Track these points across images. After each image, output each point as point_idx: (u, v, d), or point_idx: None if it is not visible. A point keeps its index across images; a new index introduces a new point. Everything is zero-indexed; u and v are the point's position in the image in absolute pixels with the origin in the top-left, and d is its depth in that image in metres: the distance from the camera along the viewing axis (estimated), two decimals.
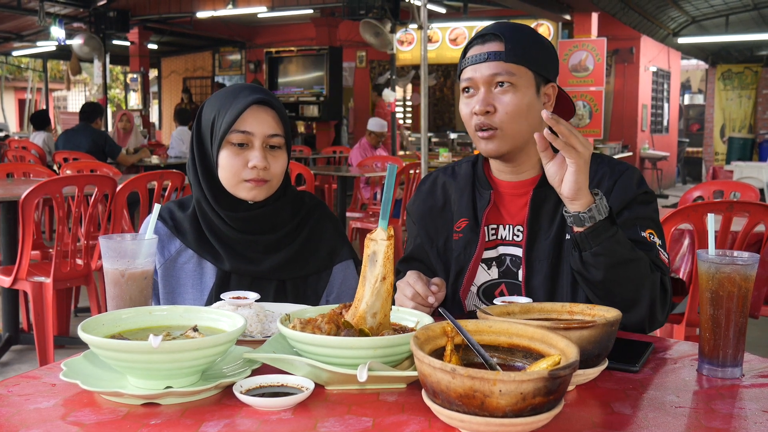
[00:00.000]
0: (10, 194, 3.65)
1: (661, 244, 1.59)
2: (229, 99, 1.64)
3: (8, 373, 3.68)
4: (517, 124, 1.60)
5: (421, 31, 5.80)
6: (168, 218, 1.72)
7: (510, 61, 1.59)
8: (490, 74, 1.59)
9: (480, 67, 1.61)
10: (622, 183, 1.62)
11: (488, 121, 1.60)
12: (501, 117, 1.59)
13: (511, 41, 1.60)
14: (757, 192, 4.05)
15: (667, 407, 1.04)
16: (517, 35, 1.62)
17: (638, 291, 1.48)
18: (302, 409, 1.01)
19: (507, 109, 1.59)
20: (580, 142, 1.38)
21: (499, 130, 1.60)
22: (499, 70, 1.59)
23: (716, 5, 11.76)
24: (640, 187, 1.63)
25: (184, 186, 4.09)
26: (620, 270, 1.45)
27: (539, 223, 1.63)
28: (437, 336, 1.05)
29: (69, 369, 1.08)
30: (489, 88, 1.60)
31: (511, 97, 1.59)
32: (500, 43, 1.60)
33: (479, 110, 1.60)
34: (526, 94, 1.60)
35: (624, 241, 1.45)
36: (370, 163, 7.15)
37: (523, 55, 1.60)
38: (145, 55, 15.14)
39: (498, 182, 1.72)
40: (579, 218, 1.42)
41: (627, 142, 13.24)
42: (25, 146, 8.19)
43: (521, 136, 1.62)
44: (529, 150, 1.65)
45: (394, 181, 1.21)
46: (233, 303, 1.37)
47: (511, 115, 1.59)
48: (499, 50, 1.59)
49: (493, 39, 1.61)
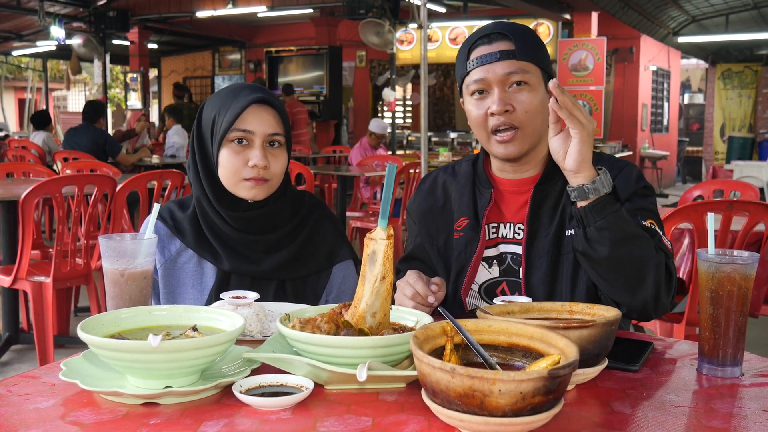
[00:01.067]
0: (10, 194, 3.65)
1: (662, 234, 1.59)
2: (230, 98, 1.64)
3: (8, 372, 3.68)
4: (535, 122, 1.59)
5: (421, 31, 5.81)
6: (168, 218, 1.72)
7: (522, 59, 1.57)
8: (505, 73, 1.57)
9: (493, 67, 1.58)
10: (622, 177, 1.62)
11: (509, 120, 1.58)
12: (520, 116, 1.57)
13: (520, 40, 1.59)
14: (757, 191, 4.05)
15: (667, 407, 1.04)
16: (523, 33, 1.61)
17: (643, 270, 1.45)
18: (302, 408, 1.01)
19: (526, 108, 1.57)
20: (582, 115, 1.39)
21: (519, 129, 1.58)
22: (514, 68, 1.57)
23: (716, 4, 11.75)
24: (639, 182, 1.63)
25: (183, 185, 4.09)
26: (625, 246, 1.43)
27: (539, 221, 1.63)
28: (437, 335, 1.05)
29: (68, 369, 1.08)
30: (503, 87, 1.58)
31: (527, 95, 1.58)
32: (509, 42, 1.58)
33: (498, 110, 1.57)
34: (539, 91, 1.59)
35: (628, 219, 1.45)
36: (370, 163, 7.15)
37: (533, 52, 1.59)
38: (144, 54, 15.14)
39: (499, 180, 1.72)
40: (583, 190, 1.42)
41: (627, 141, 13.24)
42: (25, 146, 8.19)
43: (537, 134, 1.61)
44: (537, 148, 1.65)
45: (393, 180, 1.21)
46: (233, 302, 1.37)
47: (530, 114, 1.58)
48: (510, 49, 1.57)
49: (501, 38, 1.59)
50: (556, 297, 1.59)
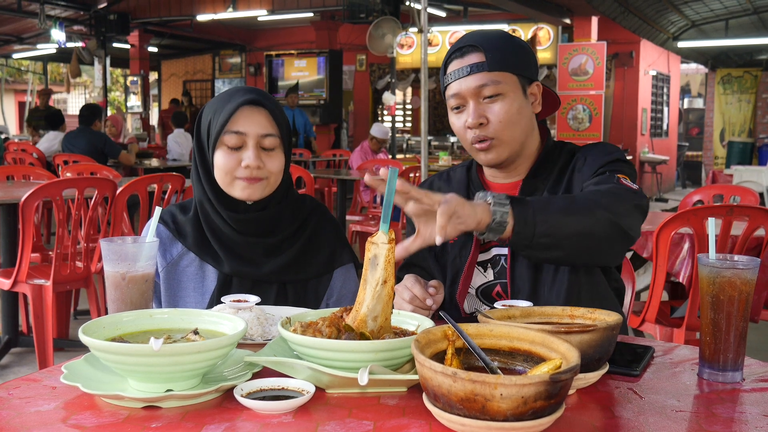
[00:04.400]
0: (10, 197, 3.65)
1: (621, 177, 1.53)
2: (224, 101, 1.67)
3: (8, 375, 3.67)
4: (511, 131, 1.62)
5: (422, 35, 5.81)
6: (170, 221, 1.73)
7: (493, 70, 1.60)
8: (476, 86, 1.60)
9: (465, 80, 1.61)
10: (593, 155, 1.64)
11: (483, 133, 1.61)
12: (495, 127, 1.61)
13: (491, 50, 1.61)
14: (757, 196, 4.06)
15: (668, 411, 1.04)
16: (495, 43, 1.63)
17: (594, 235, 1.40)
18: (303, 412, 1.01)
19: (499, 119, 1.60)
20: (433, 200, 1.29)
21: (495, 139, 1.62)
22: (485, 80, 1.60)
23: (716, 9, 11.77)
24: (607, 156, 1.62)
25: (184, 189, 4.09)
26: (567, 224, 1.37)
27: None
28: (438, 339, 1.05)
29: (70, 372, 1.08)
30: (477, 99, 1.61)
31: (501, 106, 1.60)
32: (480, 53, 1.61)
33: (472, 123, 1.61)
34: (514, 99, 1.61)
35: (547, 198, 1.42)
36: (370, 167, 7.15)
37: (505, 61, 1.61)
38: (145, 57, 15.16)
39: (492, 185, 1.75)
40: (494, 228, 1.33)
41: (627, 145, 13.25)
42: (25, 149, 8.19)
43: (517, 141, 1.64)
44: (523, 152, 1.68)
45: (395, 184, 1.21)
46: (234, 306, 1.37)
47: (504, 124, 1.61)
48: (481, 61, 1.60)
49: (472, 51, 1.62)
50: (540, 289, 1.59)
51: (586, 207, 1.41)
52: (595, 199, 1.43)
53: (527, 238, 1.35)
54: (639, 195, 1.51)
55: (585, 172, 1.62)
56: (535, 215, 1.35)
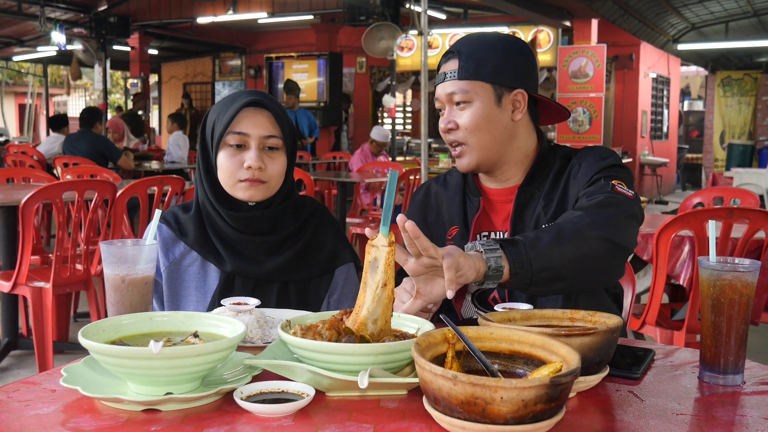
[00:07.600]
0: (10, 199, 3.65)
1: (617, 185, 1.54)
2: (228, 103, 1.69)
3: (7, 378, 3.67)
4: (479, 138, 1.65)
5: (422, 37, 5.82)
6: (172, 221, 1.75)
7: (462, 79, 1.64)
8: (446, 94, 1.66)
9: (441, 87, 1.68)
10: (588, 161, 1.64)
11: (453, 137, 1.67)
12: (462, 132, 1.66)
13: (464, 58, 1.64)
14: (757, 198, 4.06)
15: (669, 414, 1.03)
16: (473, 50, 1.64)
17: (590, 258, 1.40)
18: (303, 415, 1.01)
19: (465, 125, 1.65)
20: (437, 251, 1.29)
21: (466, 145, 1.66)
22: (454, 89, 1.65)
23: (716, 12, 11.78)
24: (601, 162, 1.62)
25: (184, 191, 4.09)
26: (561, 253, 1.37)
27: (523, 221, 1.67)
28: (438, 343, 1.05)
29: (69, 375, 1.07)
30: (451, 106, 1.67)
31: (467, 113, 1.64)
32: (455, 61, 1.66)
33: (442, 128, 1.69)
34: (482, 107, 1.63)
35: (538, 234, 1.40)
36: (370, 169, 7.16)
37: (475, 71, 1.63)
38: (145, 60, 15.16)
39: (486, 190, 1.77)
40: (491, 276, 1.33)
41: (627, 148, 13.26)
42: (25, 151, 8.19)
43: (487, 147, 1.66)
44: (507, 159, 1.70)
45: (395, 187, 1.21)
46: (233, 309, 1.37)
47: (470, 130, 1.64)
48: (454, 69, 1.65)
49: (452, 57, 1.67)
50: (536, 304, 1.58)
51: (575, 231, 1.41)
52: (582, 222, 1.43)
53: (527, 276, 1.36)
54: (633, 202, 1.52)
55: (580, 180, 1.62)
56: (528, 253, 1.35)
